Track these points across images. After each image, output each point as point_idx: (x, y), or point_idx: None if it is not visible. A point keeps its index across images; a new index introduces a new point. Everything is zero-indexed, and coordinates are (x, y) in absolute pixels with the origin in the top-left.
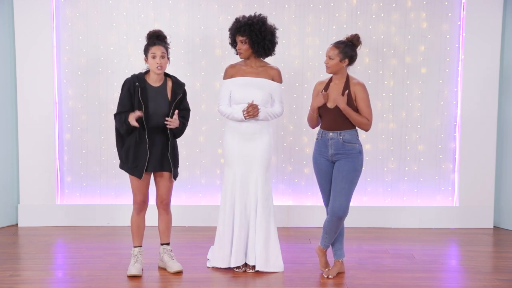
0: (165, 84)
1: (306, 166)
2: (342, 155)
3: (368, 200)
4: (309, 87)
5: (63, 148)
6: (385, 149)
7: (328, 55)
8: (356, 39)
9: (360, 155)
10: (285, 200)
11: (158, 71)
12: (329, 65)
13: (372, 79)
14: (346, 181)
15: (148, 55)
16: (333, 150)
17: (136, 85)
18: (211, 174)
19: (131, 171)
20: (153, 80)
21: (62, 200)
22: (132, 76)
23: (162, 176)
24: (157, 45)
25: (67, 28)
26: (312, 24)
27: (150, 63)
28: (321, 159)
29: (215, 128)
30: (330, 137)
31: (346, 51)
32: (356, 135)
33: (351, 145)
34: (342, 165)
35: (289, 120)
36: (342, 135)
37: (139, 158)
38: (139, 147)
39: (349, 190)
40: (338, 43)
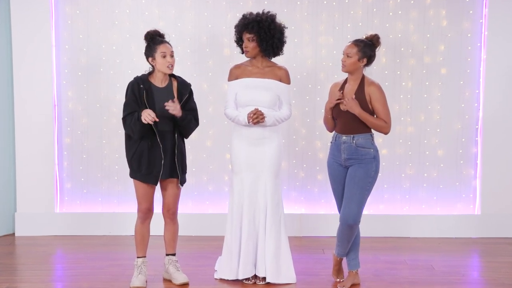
0: (171, 84)
1: (319, 172)
2: (355, 160)
3: (385, 208)
4: (323, 88)
5: (63, 153)
6: (403, 154)
7: (346, 53)
8: (376, 39)
9: (374, 161)
10: (297, 208)
11: (169, 70)
12: (346, 64)
13: (389, 80)
14: (357, 188)
15: (156, 54)
16: (345, 155)
17: (140, 88)
18: (218, 180)
19: (145, 178)
20: (158, 80)
21: (62, 208)
22: (135, 78)
23: (170, 183)
24: (165, 43)
25: (67, 26)
26: (326, 22)
27: (160, 62)
28: (334, 163)
29: (223, 132)
30: (343, 140)
31: (366, 50)
32: (371, 139)
33: (365, 150)
34: (355, 171)
35: (301, 124)
36: (356, 139)
37: (153, 163)
38: (152, 152)
39: (361, 197)
40: (358, 41)
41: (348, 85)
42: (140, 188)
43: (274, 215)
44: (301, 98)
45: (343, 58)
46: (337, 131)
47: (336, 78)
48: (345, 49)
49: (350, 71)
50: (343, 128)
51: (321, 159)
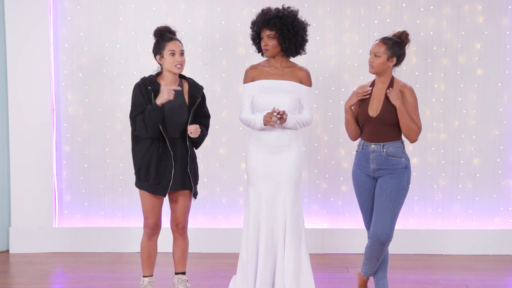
0: (181, 86)
1: (343, 183)
2: (385, 171)
3: (415, 223)
4: (347, 91)
5: (62, 162)
6: (435, 164)
7: (373, 52)
8: (404, 36)
9: (407, 171)
10: (319, 222)
11: (178, 70)
12: (374, 64)
13: (420, 82)
14: (390, 201)
15: (164, 52)
16: (375, 165)
17: (148, 89)
18: (233, 192)
19: (153, 188)
20: (167, 82)
21: (61, 222)
22: (142, 79)
23: (181, 195)
24: (174, 41)
25: (66, 23)
26: (351, 18)
27: (168, 61)
28: (361, 174)
29: (238, 139)
30: (372, 149)
31: (395, 48)
32: (402, 148)
33: (396, 159)
34: (386, 182)
35: (323, 130)
36: (386, 147)
37: (163, 173)
38: (162, 159)
39: (394, 210)
40: (386, 39)
41: (376, 88)
42: (147, 200)
43: (294, 230)
44: (324, 102)
45: (371, 58)
46: (364, 139)
47: (362, 79)
48: (372, 48)
49: (378, 72)
50: (372, 136)
51: (346, 169)
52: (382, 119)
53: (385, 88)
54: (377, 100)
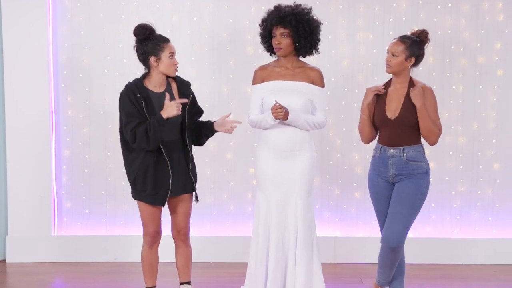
0: (169, 87)
1: (357, 189)
2: (405, 176)
3: (432, 231)
4: (360, 92)
5: (61, 167)
6: (453, 169)
7: (391, 51)
8: (424, 35)
9: (427, 176)
10: (331, 230)
11: (176, 73)
12: (392, 64)
13: (437, 83)
14: (405, 205)
15: (163, 54)
16: (394, 170)
17: (138, 97)
18: (241, 199)
19: (151, 199)
20: (155, 85)
21: (60, 230)
22: (128, 86)
23: (182, 200)
24: (170, 42)
25: (66, 21)
26: (364, 16)
27: (166, 64)
28: (379, 180)
29: (246, 143)
30: (391, 154)
31: (413, 48)
32: (422, 152)
33: (417, 164)
34: (403, 186)
35: (336, 133)
36: (406, 151)
37: (160, 182)
38: (159, 168)
39: (408, 216)
40: (405, 38)
41: (393, 89)
42: (145, 208)
43: (305, 239)
44: (336, 104)
45: (388, 57)
46: (382, 143)
47: (376, 80)
48: (390, 47)
49: (395, 72)
50: (390, 139)
51: (359, 174)
52: (402, 121)
53: (403, 89)
54: (396, 101)
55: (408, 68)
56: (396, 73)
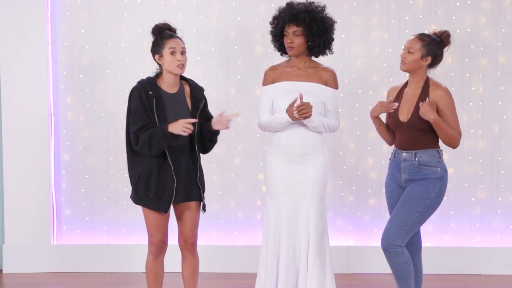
0: (182, 89)
1: (371, 196)
2: (417, 181)
3: (451, 239)
4: (375, 94)
5: (60, 173)
6: (473, 174)
7: (407, 48)
8: (445, 36)
9: (440, 182)
10: (344, 239)
11: (180, 70)
12: (406, 61)
13: (456, 84)
14: (405, 206)
15: (164, 51)
16: (406, 175)
17: (149, 95)
18: (250, 206)
19: (154, 204)
20: (168, 85)
21: (59, 239)
22: (141, 83)
23: (189, 208)
24: (175, 38)
25: (66, 19)
26: (379, 14)
27: (169, 61)
28: (393, 185)
29: (255, 147)
30: (404, 158)
31: (431, 47)
32: (438, 156)
33: (430, 169)
34: (410, 188)
35: (349, 137)
36: (418, 156)
37: (164, 187)
38: (162, 172)
39: (405, 217)
40: (423, 36)
41: (408, 89)
42: (151, 215)
43: (318, 248)
44: (350, 106)
45: (403, 53)
46: (396, 146)
47: (392, 81)
48: (407, 43)
49: (410, 70)
50: (403, 143)
51: (374, 180)
52: (413, 125)
53: (417, 90)
54: (409, 103)
55: (424, 68)
56: (410, 71)
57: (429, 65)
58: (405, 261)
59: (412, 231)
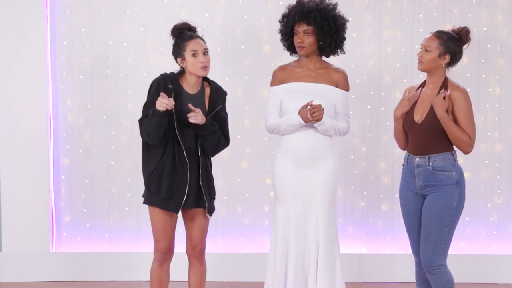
0: (203, 90)
1: (384, 201)
2: (432, 188)
3: (467, 247)
4: (388, 95)
5: (60, 177)
6: (489, 179)
7: (424, 46)
8: (464, 33)
9: (458, 187)
10: (355, 247)
11: (204, 72)
12: (423, 60)
13: (472, 85)
14: (434, 224)
15: (186, 53)
16: (421, 181)
17: (168, 88)
18: (257, 211)
19: (164, 203)
20: (190, 85)
21: (59, 246)
22: (163, 75)
23: (196, 214)
24: (195, 39)
25: (66, 18)
26: (392, 12)
27: (191, 63)
28: (407, 192)
29: (263, 151)
30: (417, 163)
31: (449, 44)
32: (453, 160)
33: (445, 174)
34: (431, 203)
35: (361, 140)
36: (432, 160)
37: (177, 185)
38: (177, 170)
39: (438, 235)
40: (441, 33)
41: (426, 89)
42: (158, 219)
43: (328, 256)
44: (361, 108)
45: (421, 52)
46: (409, 151)
47: (405, 82)
48: (423, 42)
49: (427, 70)
50: (416, 147)
51: (387, 185)
52: (428, 126)
53: (434, 90)
54: (424, 103)
55: (442, 67)
56: (428, 71)
57: (447, 64)
58: (447, 280)
59: (448, 245)
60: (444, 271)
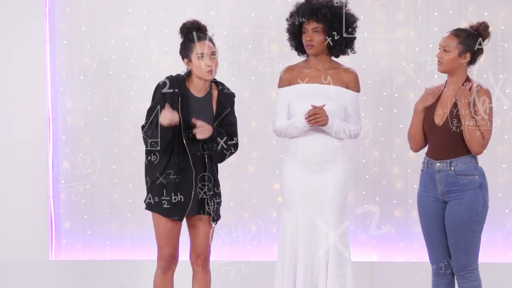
0: (210, 94)
1: (397, 207)
2: (455, 193)
3: (483, 255)
4: (401, 97)
5: (59, 182)
6: (506, 183)
7: (443, 46)
8: (483, 28)
9: (481, 190)
10: (367, 254)
11: (209, 77)
12: (443, 60)
13: (489, 86)
14: (461, 232)
15: (192, 55)
16: (443, 187)
17: (175, 92)
18: (264, 218)
19: (168, 211)
20: (197, 88)
21: (58, 254)
22: (168, 78)
23: (201, 220)
24: (202, 40)
25: (65, 16)
26: (405, 10)
27: (196, 66)
28: (428, 199)
29: (271, 155)
30: (438, 168)
31: (469, 42)
32: (474, 163)
33: (468, 178)
34: (455, 210)
35: (373, 143)
36: (454, 164)
37: (182, 192)
38: (182, 177)
39: (466, 242)
40: (459, 31)
41: (446, 90)
42: (162, 225)
43: (338, 263)
44: (373, 110)
45: (439, 53)
46: (428, 155)
47: (419, 83)
48: (442, 42)
49: (448, 71)
50: (436, 151)
51: (400, 190)
52: (448, 128)
53: (456, 90)
54: (445, 104)
55: (463, 66)
56: (449, 72)
57: (468, 63)
58: (477, 285)
59: (478, 248)
60: (476, 275)
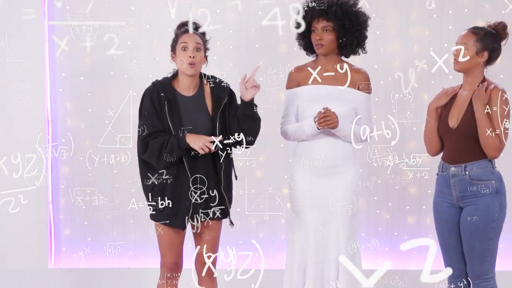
0: (201, 90)
1: (410, 213)
2: (471, 199)
3: (500, 263)
4: (415, 98)
5: (59, 187)
6: None
7: (459, 45)
8: (502, 27)
9: (498, 196)
10: (379, 262)
11: (190, 70)
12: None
13: (506, 86)
14: (476, 239)
15: (177, 47)
16: (458, 192)
17: (161, 97)
18: (272, 224)
19: (169, 220)
20: (184, 86)
21: (57, 262)
22: (154, 84)
23: (208, 226)
24: (190, 33)
25: (65, 14)
26: (419, 8)
27: (179, 58)
28: (443, 204)
29: (279, 158)
30: (453, 173)
31: (486, 41)
32: (491, 167)
33: (484, 183)
34: (470, 216)
35: (385, 147)
36: (469, 169)
37: (181, 199)
38: (179, 184)
39: (481, 249)
40: (476, 29)
41: (462, 91)
42: (164, 233)
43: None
44: (385, 112)
45: (456, 51)
46: (443, 159)
47: (434, 84)
48: (459, 40)
49: (464, 70)
50: (450, 155)
51: (413, 196)
52: (463, 131)
53: (471, 92)
54: (461, 106)
55: (480, 66)
56: (465, 71)
57: (486, 62)
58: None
59: (495, 256)
60: (492, 284)
